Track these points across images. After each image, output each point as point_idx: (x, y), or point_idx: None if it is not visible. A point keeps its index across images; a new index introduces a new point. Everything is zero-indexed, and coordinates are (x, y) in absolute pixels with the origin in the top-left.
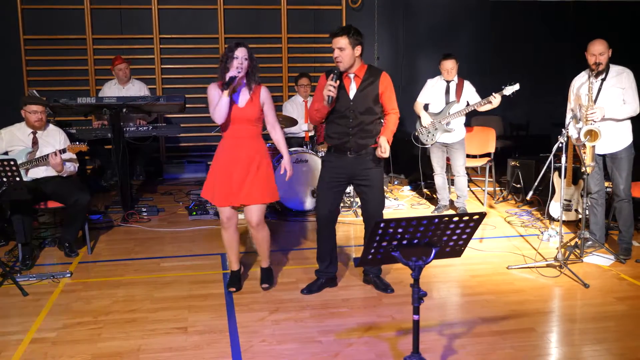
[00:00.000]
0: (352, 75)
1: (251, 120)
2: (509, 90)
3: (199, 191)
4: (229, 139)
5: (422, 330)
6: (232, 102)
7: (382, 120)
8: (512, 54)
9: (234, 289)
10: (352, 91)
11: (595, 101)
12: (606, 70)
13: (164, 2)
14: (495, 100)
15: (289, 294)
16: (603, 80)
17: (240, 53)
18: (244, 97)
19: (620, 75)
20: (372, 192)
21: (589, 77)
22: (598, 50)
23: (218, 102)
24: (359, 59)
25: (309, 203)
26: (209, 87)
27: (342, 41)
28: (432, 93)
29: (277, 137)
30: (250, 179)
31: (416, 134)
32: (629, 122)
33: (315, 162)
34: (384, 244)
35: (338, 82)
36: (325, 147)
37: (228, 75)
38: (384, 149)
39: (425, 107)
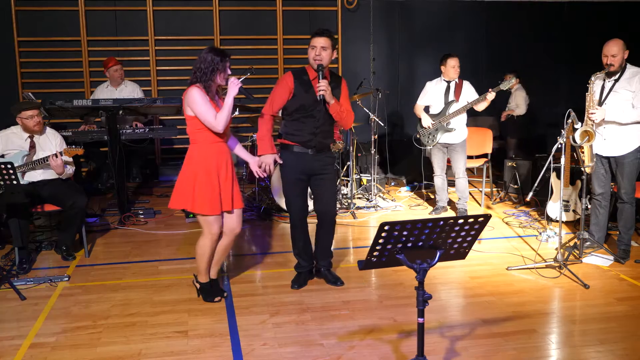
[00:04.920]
0: (321, 71)
1: (229, 124)
2: (505, 85)
3: None
4: (214, 145)
5: (424, 332)
6: (216, 107)
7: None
8: (506, 54)
9: (219, 298)
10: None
11: (603, 102)
12: (622, 70)
13: (159, 3)
14: (490, 95)
15: (289, 297)
16: (616, 81)
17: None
18: (219, 104)
19: (632, 78)
20: (328, 186)
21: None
22: (610, 52)
23: (224, 110)
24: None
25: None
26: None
27: (326, 41)
28: (432, 95)
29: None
30: (234, 183)
31: (417, 136)
32: (638, 126)
33: None
34: (389, 246)
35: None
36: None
37: (239, 88)
38: (325, 85)
39: (426, 109)
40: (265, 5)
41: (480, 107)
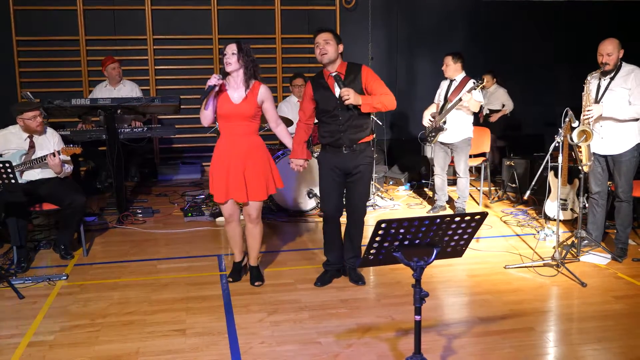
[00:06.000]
0: (335, 74)
1: (246, 117)
2: (475, 85)
3: (194, 192)
4: (226, 136)
5: (422, 331)
6: (227, 98)
7: (371, 115)
8: (504, 53)
9: (231, 280)
10: (337, 90)
11: (599, 100)
12: (617, 69)
13: (157, 2)
14: (466, 97)
15: (286, 295)
16: (612, 79)
17: (227, 49)
18: (239, 94)
19: (628, 75)
20: (360, 185)
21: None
22: (606, 51)
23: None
24: (340, 57)
25: (305, 204)
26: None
27: (328, 35)
28: (440, 93)
29: (281, 133)
30: (248, 176)
31: (424, 134)
32: (634, 124)
33: (311, 162)
34: (386, 244)
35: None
36: (320, 147)
37: (207, 84)
38: (347, 92)
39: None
40: (264, 5)
41: (472, 108)
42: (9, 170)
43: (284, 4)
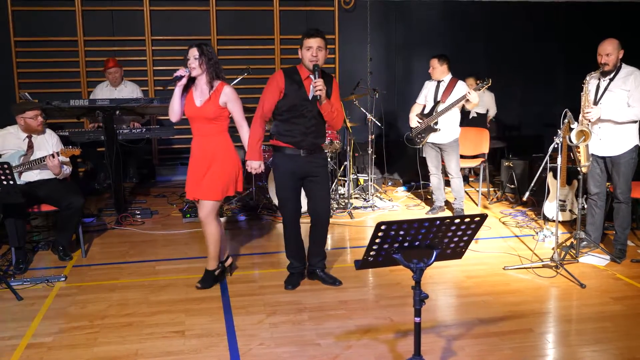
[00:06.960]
0: (316, 64)
1: (209, 118)
2: (480, 85)
3: None
4: (194, 136)
5: (421, 332)
6: (192, 100)
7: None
8: (503, 54)
9: (199, 286)
10: (311, 92)
11: (598, 101)
12: (617, 70)
13: (155, 3)
14: (472, 96)
15: (285, 297)
16: (611, 80)
17: (190, 54)
18: (203, 96)
19: (627, 77)
20: (322, 188)
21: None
22: (605, 51)
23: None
24: None
25: (304, 204)
26: None
27: (321, 42)
28: (427, 94)
29: (242, 136)
30: (207, 175)
31: (411, 135)
32: (633, 126)
33: None
34: (385, 246)
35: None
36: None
37: (173, 75)
38: (322, 84)
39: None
40: (262, 6)
41: (469, 107)
42: (7, 171)
43: (283, 5)
